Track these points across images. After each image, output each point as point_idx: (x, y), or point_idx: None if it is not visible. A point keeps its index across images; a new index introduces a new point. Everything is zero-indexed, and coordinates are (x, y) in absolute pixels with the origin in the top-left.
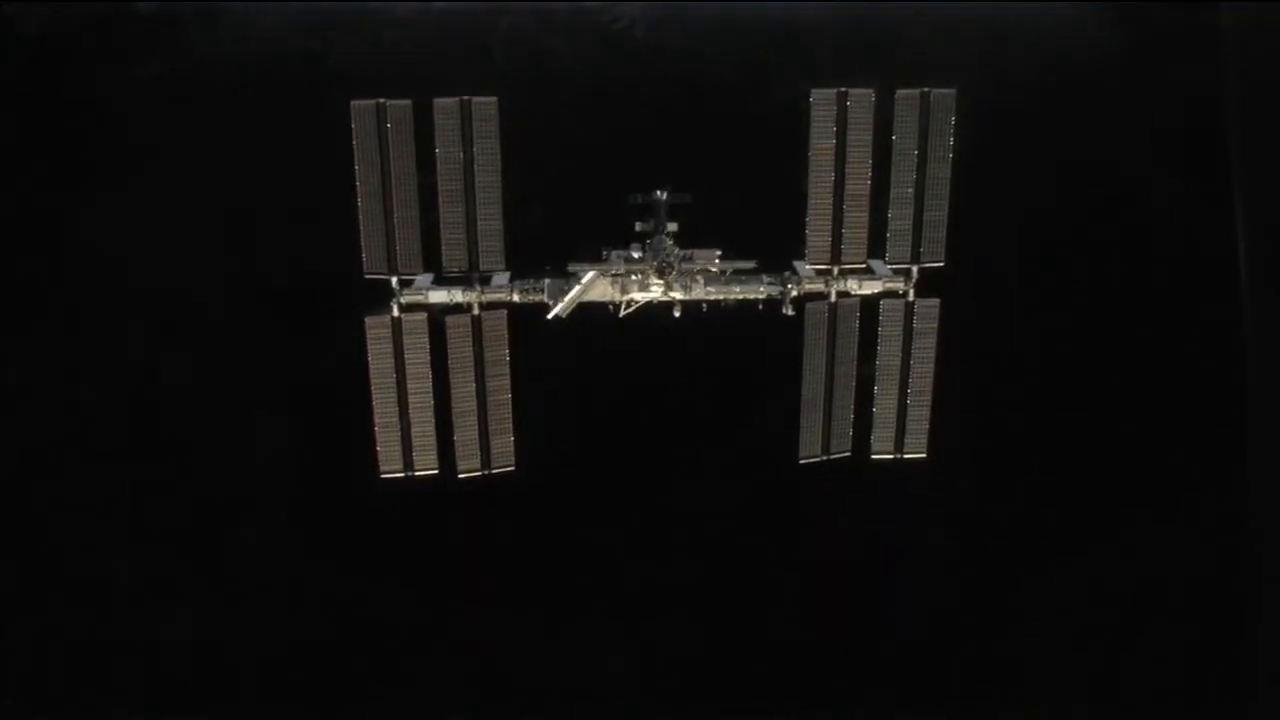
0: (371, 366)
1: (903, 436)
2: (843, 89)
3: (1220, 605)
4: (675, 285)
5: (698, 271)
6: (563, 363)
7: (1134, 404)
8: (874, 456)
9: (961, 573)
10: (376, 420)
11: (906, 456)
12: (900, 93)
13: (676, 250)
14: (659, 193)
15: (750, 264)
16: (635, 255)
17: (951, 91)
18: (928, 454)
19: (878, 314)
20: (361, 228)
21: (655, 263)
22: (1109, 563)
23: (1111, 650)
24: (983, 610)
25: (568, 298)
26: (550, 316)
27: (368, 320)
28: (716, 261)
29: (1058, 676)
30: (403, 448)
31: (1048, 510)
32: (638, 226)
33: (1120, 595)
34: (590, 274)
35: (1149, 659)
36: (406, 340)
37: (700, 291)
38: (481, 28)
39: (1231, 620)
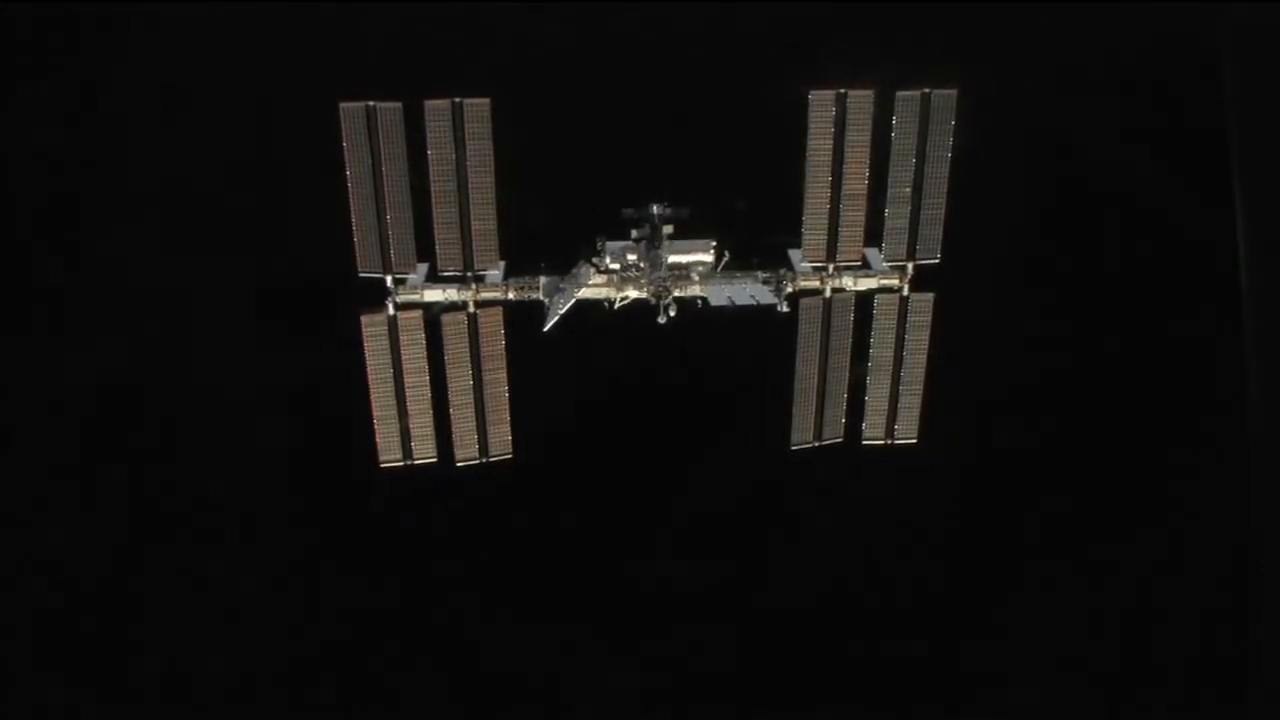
0: (369, 363)
1: (894, 422)
2: (841, 90)
3: (1219, 602)
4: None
5: (692, 267)
6: (559, 355)
7: (1132, 404)
8: (865, 442)
9: (957, 571)
10: (375, 413)
11: (897, 442)
12: (900, 94)
13: (670, 263)
14: (655, 207)
15: (749, 274)
16: (630, 257)
17: (952, 92)
18: (918, 439)
19: (872, 312)
20: (354, 229)
21: (652, 287)
22: (1106, 560)
23: (1110, 649)
24: (977, 608)
25: (563, 309)
26: (546, 329)
27: (363, 318)
28: (710, 252)
29: (1056, 675)
30: (402, 438)
31: (1044, 507)
32: (633, 234)
33: (1118, 593)
34: (581, 290)
35: (1147, 657)
36: (403, 337)
37: (695, 289)
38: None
39: (1231, 619)
